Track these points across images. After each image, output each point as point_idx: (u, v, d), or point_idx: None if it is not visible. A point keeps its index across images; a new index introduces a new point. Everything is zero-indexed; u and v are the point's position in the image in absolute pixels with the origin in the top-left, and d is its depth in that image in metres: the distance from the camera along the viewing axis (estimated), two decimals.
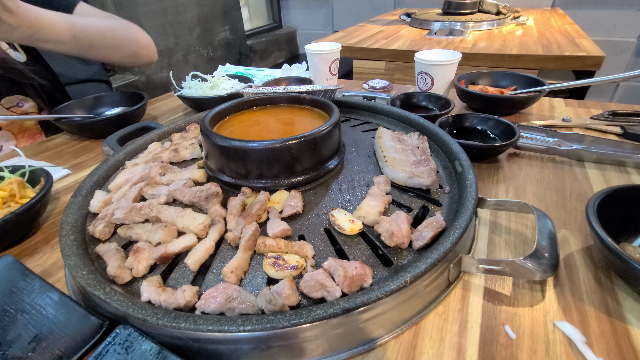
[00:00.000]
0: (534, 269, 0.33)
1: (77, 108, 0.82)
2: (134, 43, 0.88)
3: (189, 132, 0.60)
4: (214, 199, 0.40)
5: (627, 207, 0.40)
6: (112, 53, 0.85)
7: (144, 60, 0.94)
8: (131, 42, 0.88)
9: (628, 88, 2.00)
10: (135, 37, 0.89)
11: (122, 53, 0.87)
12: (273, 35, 2.87)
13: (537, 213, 0.39)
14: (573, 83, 0.68)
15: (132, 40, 0.88)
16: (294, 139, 0.40)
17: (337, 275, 0.31)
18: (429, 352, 0.31)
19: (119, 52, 0.86)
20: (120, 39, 0.85)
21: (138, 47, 0.90)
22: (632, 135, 0.63)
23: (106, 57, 0.86)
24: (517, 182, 0.54)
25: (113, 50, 0.84)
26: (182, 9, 2.01)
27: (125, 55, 0.88)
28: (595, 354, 0.30)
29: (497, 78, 0.83)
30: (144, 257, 0.35)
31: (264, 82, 0.88)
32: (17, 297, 0.35)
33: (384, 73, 1.46)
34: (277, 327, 0.27)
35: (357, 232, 0.37)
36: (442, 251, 0.32)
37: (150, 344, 0.29)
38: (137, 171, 0.49)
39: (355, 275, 0.30)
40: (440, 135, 0.52)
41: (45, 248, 0.47)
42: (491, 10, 1.74)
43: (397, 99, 0.73)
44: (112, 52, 0.84)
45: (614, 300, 0.35)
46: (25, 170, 0.53)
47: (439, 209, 0.41)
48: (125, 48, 0.87)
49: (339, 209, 0.39)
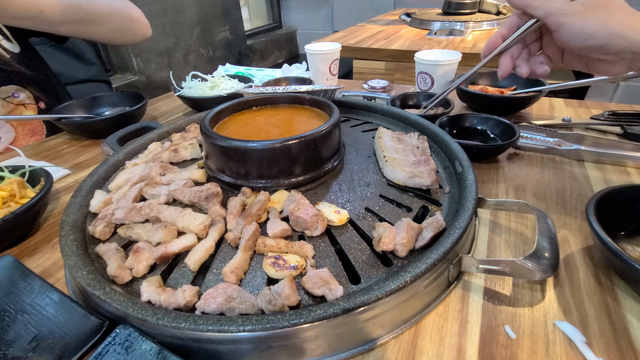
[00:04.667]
0: (534, 269, 0.33)
1: (77, 108, 0.82)
2: (119, 15, 0.81)
3: (189, 132, 0.60)
4: (214, 199, 0.40)
5: (627, 207, 0.40)
6: (93, 27, 0.78)
7: (136, 36, 0.87)
8: (115, 14, 0.80)
9: (628, 88, 2.00)
10: (119, 9, 0.81)
11: (106, 27, 0.79)
12: (273, 35, 2.87)
13: (537, 213, 0.39)
14: (573, 83, 0.68)
15: (116, 11, 0.80)
16: (294, 139, 0.40)
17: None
18: (429, 352, 0.31)
19: (101, 25, 0.78)
20: (100, 11, 0.77)
21: (124, 19, 0.82)
22: (632, 135, 0.63)
23: (87, 33, 0.79)
24: (517, 182, 0.54)
25: (93, 24, 0.77)
26: (182, 9, 2.01)
27: (110, 30, 0.80)
28: (595, 354, 0.30)
29: (497, 78, 0.82)
30: (144, 257, 0.35)
31: (264, 82, 0.88)
32: (17, 297, 0.35)
33: (384, 73, 1.46)
34: (277, 327, 0.27)
35: (346, 221, 0.38)
36: (442, 251, 0.32)
37: (150, 344, 0.29)
38: (137, 171, 0.49)
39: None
40: (440, 135, 0.52)
41: (45, 248, 0.47)
42: (491, 10, 1.74)
43: (397, 99, 0.73)
44: (92, 27, 0.77)
45: (614, 300, 0.35)
46: (25, 170, 0.53)
47: (439, 209, 0.41)
48: (108, 21, 0.79)
49: (323, 202, 0.40)
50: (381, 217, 0.39)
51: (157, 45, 1.92)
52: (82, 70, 1.17)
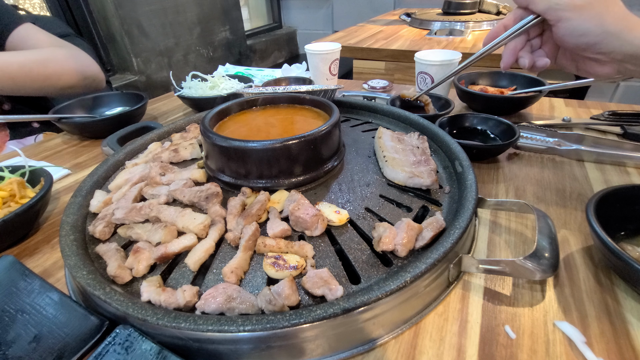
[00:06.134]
0: (534, 269, 0.33)
1: (77, 108, 0.82)
2: (72, 75, 0.83)
3: (189, 132, 0.60)
4: (214, 199, 0.40)
5: (627, 207, 0.40)
6: (44, 87, 0.80)
7: (88, 90, 0.89)
8: (68, 75, 0.82)
9: (628, 88, 2.00)
10: (72, 69, 0.83)
11: (57, 86, 0.82)
12: (273, 35, 2.87)
13: (537, 213, 0.39)
14: (573, 83, 0.68)
15: (69, 72, 0.82)
16: (294, 139, 0.40)
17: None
18: (429, 352, 0.31)
19: (53, 86, 0.81)
20: (52, 73, 0.79)
21: (78, 78, 0.84)
22: (632, 135, 0.63)
23: (37, 92, 0.81)
24: (517, 182, 0.54)
25: (45, 85, 0.79)
26: (182, 9, 2.01)
27: (63, 88, 0.83)
28: (595, 354, 0.30)
29: (497, 78, 0.83)
30: (144, 257, 0.35)
31: (264, 82, 0.88)
32: (17, 297, 0.35)
33: (384, 73, 1.46)
34: (277, 327, 0.27)
35: (346, 221, 0.38)
36: (442, 251, 0.32)
37: (150, 344, 0.29)
38: (137, 171, 0.49)
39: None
40: (440, 135, 0.52)
41: (45, 248, 0.47)
42: (491, 10, 1.74)
43: (397, 99, 0.73)
44: (43, 87, 0.79)
45: (614, 300, 0.35)
46: (25, 170, 0.53)
47: (439, 209, 0.41)
48: (60, 81, 0.81)
49: (323, 202, 0.39)
50: (381, 217, 0.39)
51: (157, 45, 1.92)
52: None
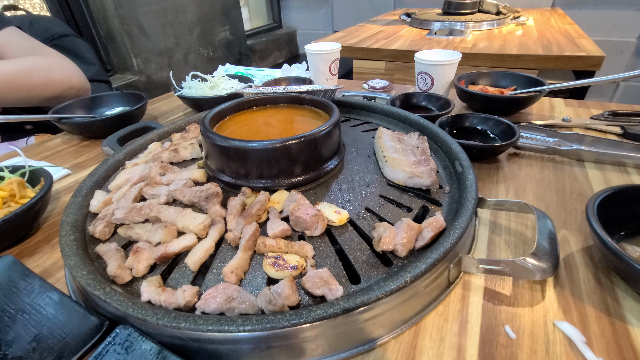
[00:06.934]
0: (534, 269, 0.33)
1: (77, 108, 0.82)
2: (57, 85, 0.82)
3: (189, 132, 0.60)
4: (214, 199, 0.40)
5: (627, 207, 0.40)
6: (28, 98, 0.79)
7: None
8: (52, 85, 0.81)
9: (628, 88, 2.00)
10: (57, 79, 0.82)
11: (42, 96, 0.80)
12: (273, 35, 2.87)
13: (537, 213, 0.39)
14: (573, 83, 0.67)
15: (53, 82, 0.81)
16: (294, 139, 0.40)
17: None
18: (429, 352, 0.31)
19: (37, 96, 0.80)
20: (37, 83, 0.78)
21: (63, 88, 0.83)
22: (632, 135, 0.63)
23: (22, 102, 0.79)
24: (517, 182, 0.54)
25: (29, 96, 0.78)
26: (182, 9, 2.01)
27: (48, 98, 0.82)
28: (595, 354, 0.30)
29: (497, 78, 0.83)
30: (144, 257, 0.35)
31: (264, 82, 0.88)
32: (17, 297, 0.35)
33: (384, 73, 1.46)
34: (277, 327, 0.27)
35: (346, 221, 0.38)
36: (442, 251, 0.32)
37: (150, 344, 0.29)
38: (137, 171, 0.49)
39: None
40: (440, 135, 0.52)
41: (45, 248, 0.47)
42: (491, 10, 1.74)
43: (397, 99, 0.73)
44: (27, 98, 0.78)
45: (614, 300, 0.35)
46: (25, 170, 0.53)
47: (439, 209, 0.41)
48: (45, 91, 0.80)
49: (323, 202, 0.39)
50: (381, 217, 0.39)
51: (157, 45, 1.92)
52: (82, 70, 1.17)
